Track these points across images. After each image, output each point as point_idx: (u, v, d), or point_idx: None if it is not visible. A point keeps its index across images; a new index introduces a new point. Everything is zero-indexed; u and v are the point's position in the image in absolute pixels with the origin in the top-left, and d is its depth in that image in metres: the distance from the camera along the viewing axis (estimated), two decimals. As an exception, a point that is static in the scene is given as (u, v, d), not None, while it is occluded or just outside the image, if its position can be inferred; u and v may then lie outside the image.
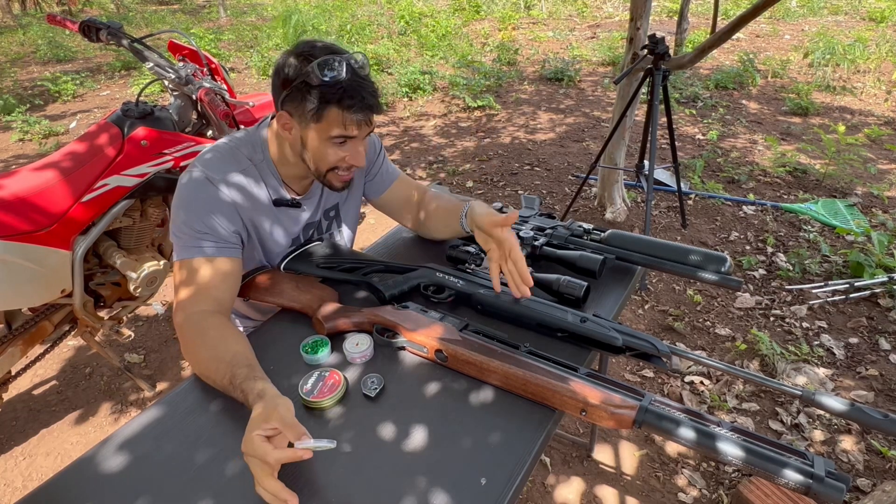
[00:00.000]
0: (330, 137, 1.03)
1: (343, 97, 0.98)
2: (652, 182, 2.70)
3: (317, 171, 1.09)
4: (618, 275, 1.23)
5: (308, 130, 1.03)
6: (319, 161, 1.07)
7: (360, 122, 1.02)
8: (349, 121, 1.00)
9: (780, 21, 8.90)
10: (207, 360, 0.93)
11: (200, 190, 1.05)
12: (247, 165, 1.11)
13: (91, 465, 0.81)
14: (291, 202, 1.16)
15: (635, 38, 2.95)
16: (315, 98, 0.99)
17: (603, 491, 1.76)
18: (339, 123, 1.01)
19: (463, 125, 5.07)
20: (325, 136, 1.03)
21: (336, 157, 1.06)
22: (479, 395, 0.91)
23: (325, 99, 0.98)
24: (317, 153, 1.06)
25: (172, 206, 1.08)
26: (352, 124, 1.01)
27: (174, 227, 1.06)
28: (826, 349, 2.28)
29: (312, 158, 1.07)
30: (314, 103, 0.99)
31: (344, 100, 0.98)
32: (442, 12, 9.89)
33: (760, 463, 0.72)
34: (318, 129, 1.02)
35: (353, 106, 0.99)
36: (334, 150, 1.05)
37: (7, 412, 2.04)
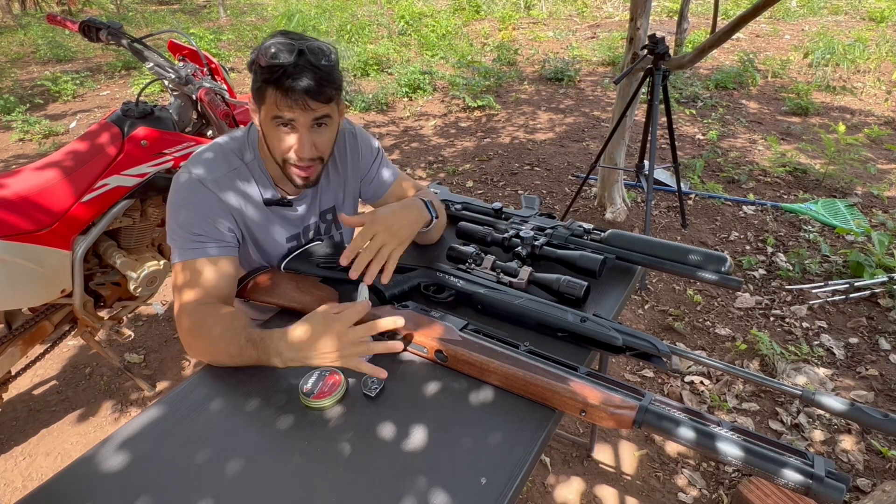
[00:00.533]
0: (271, 119, 1.01)
1: (281, 77, 0.95)
2: (652, 182, 2.70)
3: (276, 161, 1.07)
4: (618, 275, 1.23)
5: (261, 116, 1.03)
6: (272, 149, 1.06)
7: (295, 105, 0.97)
8: (282, 102, 0.97)
9: (780, 21, 8.90)
10: (221, 332, 0.96)
11: (193, 192, 1.05)
12: (238, 165, 1.11)
13: (91, 465, 0.81)
14: (282, 201, 1.16)
15: (635, 37, 2.95)
16: (259, 79, 0.99)
17: (603, 491, 1.76)
18: (274, 104, 0.98)
19: (463, 125, 5.07)
20: (267, 118, 1.02)
21: (283, 145, 1.03)
22: (479, 395, 0.91)
23: (265, 79, 0.97)
24: (268, 140, 1.05)
25: (167, 208, 1.08)
26: (285, 106, 0.97)
27: (169, 229, 1.06)
28: (826, 349, 2.28)
29: (270, 146, 1.06)
30: (258, 83, 0.99)
31: (281, 80, 0.95)
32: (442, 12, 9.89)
33: (760, 463, 0.72)
34: (264, 111, 1.02)
35: (287, 88, 0.95)
36: (279, 136, 1.02)
37: (7, 412, 2.04)
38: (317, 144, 1.05)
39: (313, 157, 1.06)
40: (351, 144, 1.27)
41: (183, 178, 1.06)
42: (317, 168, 1.09)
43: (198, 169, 1.07)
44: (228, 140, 1.14)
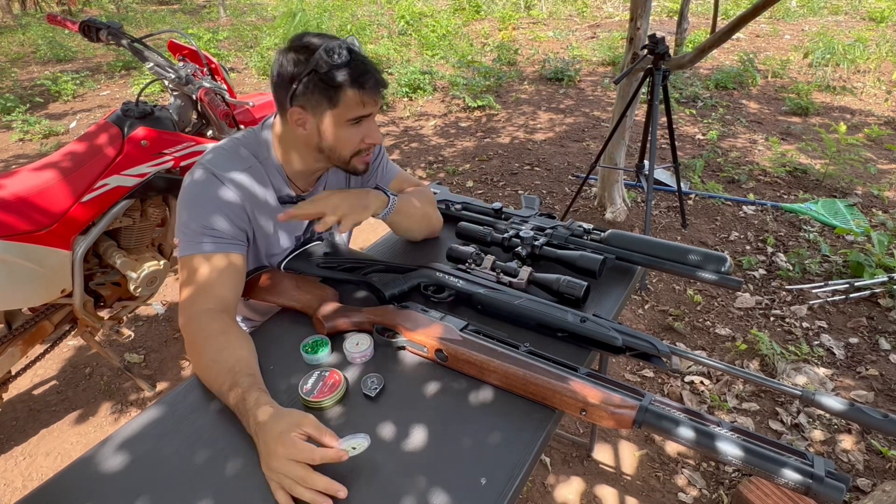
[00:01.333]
0: (348, 120, 1.05)
1: (355, 77, 1.00)
2: (652, 182, 2.70)
3: (340, 158, 1.10)
4: (618, 275, 1.23)
5: (324, 119, 1.04)
6: (342, 147, 1.08)
7: (374, 99, 1.04)
8: (365, 98, 1.03)
9: (780, 21, 8.90)
10: (210, 363, 0.92)
11: (207, 187, 1.06)
12: (252, 163, 1.11)
13: (91, 465, 0.81)
14: (295, 199, 1.17)
15: (635, 37, 2.95)
16: (327, 84, 1.00)
17: (603, 491, 1.76)
18: (356, 103, 1.03)
19: (463, 125, 5.07)
20: (342, 119, 1.04)
21: (357, 139, 1.08)
22: (479, 395, 0.91)
23: (338, 82, 1.00)
24: (338, 139, 1.07)
25: (178, 204, 1.08)
26: (368, 101, 1.03)
27: (180, 224, 1.06)
28: (826, 349, 2.28)
29: (334, 147, 1.08)
30: (327, 90, 1.01)
31: (356, 79, 1.00)
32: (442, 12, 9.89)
33: (760, 463, 0.73)
34: (334, 115, 1.04)
35: (365, 83, 1.01)
36: (354, 132, 1.07)
37: (7, 412, 2.04)
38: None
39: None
40: None
41: (198, 173, 1.07)
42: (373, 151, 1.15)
43: (212, 165, 1.07)
44: (239, 140, 1.14)
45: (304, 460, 0.74)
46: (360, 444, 0.77)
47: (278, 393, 0.92)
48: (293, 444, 0.75)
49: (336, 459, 0.75)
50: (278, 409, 0.82)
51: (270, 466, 0.76)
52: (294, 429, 0.77)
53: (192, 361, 0.98)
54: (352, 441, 0.77)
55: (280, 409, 0.82)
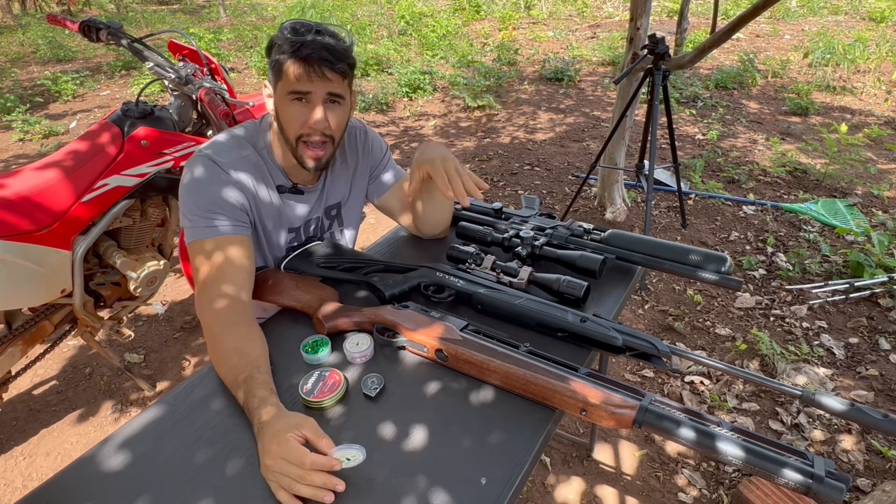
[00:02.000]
0: (288, 93, 1.03)
1: (299, 49, 0.99)
2: (652, 182, 2.70)
3: (287, 140, 1.08)
4: (618, 275, 1.23)
5: (277, 94, 1.06)
6: (286, 125, 1.07)
7: (311, 75, 1.00)
8: (300, 72, 1.00)
9: (780, 21, 8.90)
10: (232, 351, 0.93)
11: (209, 172, 1.07)
12: (250, 153, 1.12)
13: (91, 465, 0.81)
14: (294, 188, 1.17)
15: (635, 37, 2.95)
16: (277, 55, 1.02)
17: (603, 491, 1.76)
18: (294, 75, 1.01)
19: (463, 125, 5.07)
20: (283, 94, 1.04)
21: (298, 119, 1.05)
22: (479, 395, 0.91)
23: (284, 51, 1.01)
24: (284, 117, 1.06)
25: (181, 192, 1.08)
26: (302, 76, 1.00)
27: (185, 211, 1.07)
28: (826, 349, 2.28)
29: (283, 126, 1.07)
30: (276, 61, 1.02)
31: (300, 51, 0.99)
32: (442, 12, 9.89)
33: (760, 463, 0.72)
34: (281, 88, 1.04)
35: (303, 56, 0.99)
36: (296, 111, 1.04)
37: (7, 412, 2.04)
38: (330, 121, 1.06)
39: (326, 131, 1.07)
40: (362, 140, 1.29)
41: (198, 161, 1.08)
42: (328, 149, 1.10)
43: (213, 151, 1.09)
44: (240, 130, 1.15)
45: (295, 462, 0.74)
46: (355, 456, 0.77)
47: (279, 393, 0.92)
48: (288, 443, 0.75)
49: (328, 467, 0.74)
50: (282, 410, 0.83)
51: (266, 465, 0.76)
52: (292, 430, 0.77)
53: (208, 346, 0.98)
54: (346, 451, 0.77)
55: (283, 411, 0.83)
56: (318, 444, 0.77)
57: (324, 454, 0.76)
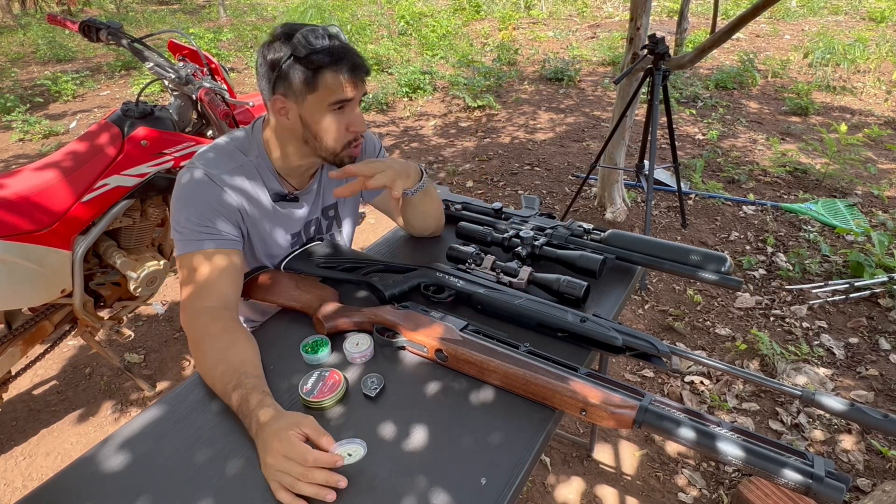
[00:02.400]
0: (328, 105, 1.03)
1: (332, 59, 0.99)
2: (652, 182, 2.70)
3: (326, 149, 1.08)
4: (618, 275, 1.23)
5: (305, 106, 1.03)
6: (326, 136, 1.06)
7: (353, 82, 1.02)
8: (343, 81, 1.01)
9: (780, 21, 8.90)
10: (216, 362, 0.92)
11: (201, 186, 1.06)
12: (244, 162, 1.11)
13: (91, 465, 0.81)
14: (289, 197, 1.17)
15: (635, 37, 2.95)
16: (305, 68, 0.99)
17: (603, 491, 1.76)
18: (334, 86, 1.01)
19: (463, 125, 5.07)
20: (323, 104, 1.03)
21: (341, 127, 1.06)
22: (479, 395, 0.91)
23: (316, 65, 0.99)
24: (321, 127, 1.05)
25: (172, 203, 1.08)
26: (347, 84, 1.01)
27: (175, 223, 1.06)
28: (826, 349, 2.28)
29: (318, 135, 1.06)
30: (306, 73, 1.00)
31: (334, 61, 0.99)
32: (442, 12, 9.89)
33: (760, 463, 0.72)
34: (314, 101, 1.02)
35: (343, 66, 1.00)
36: (336, 119, 1.05)
37: (7, 412, 2.04)
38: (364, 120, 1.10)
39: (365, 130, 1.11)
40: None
41: (188, 173, 1.07)
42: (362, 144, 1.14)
43: (204, 164, 1.07)
44: (230, 140, 1.14)
45: (297, 459, 0.74)
46: (357, 451, 0.77)
47: (278, 393, 0.92)
48: (289, 441, 0.75)
49: (330, 464, 0.75)
50: (280, 410, 0.83)
51: (267, 464, 0.76)
52: (292, 427, 0.77)
53: (195, 360, 0.98)
54: (348, 447, 0.77)
55: (281, 411, 0.82)
56: (318, 441, 0.77)
57: (325, 451, 0.76)
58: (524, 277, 1.12)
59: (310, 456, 0.74)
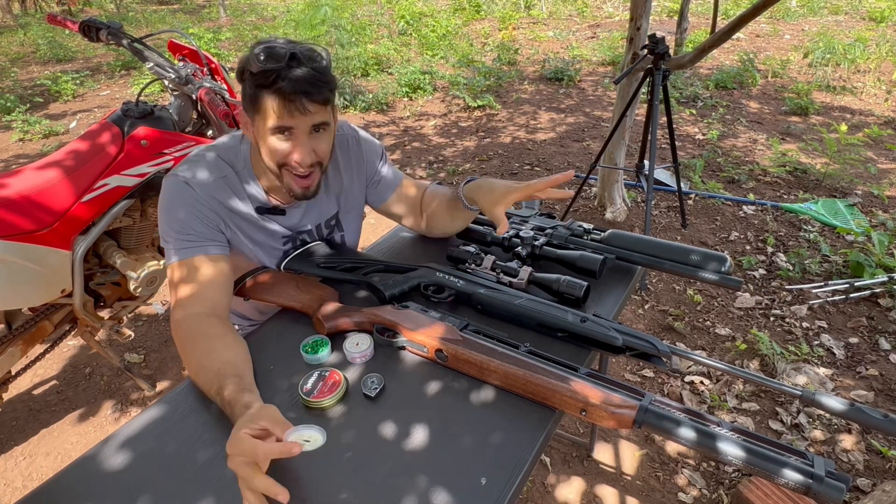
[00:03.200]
0: (269, 128, 0.97)
1: (275, 81, 0.92)
2: (652, 182, 2.70)
3: (272, 170, 1.04)
4: (618, 275, 1.23)
5: (255, 126, 1.00)
6: (269, 158, 1.01)
7: (293, 112, 0.94)
8: (280, 107, 0.94)
9: (780, 21, 8.90)
10: (198, 368, 0.92)
11: (181, 193, 1.05)
12: (228, 172, 1.09)
13: (91, 465, 0.81)
14: (274, 209, 1.15)
15: (635, 37, 2.95)
16: (252, 85, 0.95)
17: (603, 491, 1.77)
18: (273, 111, 0.95)
19: (463, 125, 5.07)
20: (265, 126, 0.97)
21: (282, 152, 0.99)
22: (479, 395, 0.91)
23: (258, 84, 0.94)
24: (265, 149, 1.01)
25: (158, 209, 1.07)
26: (283, 111, 0.94)
27: (161, 231, 1.06)
28: (826, 349, 2.28)
29: (266, 156, 1.03)
30: (252, 91, 0.95)
31: (276, 83, 0.92)
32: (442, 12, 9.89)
33: (760, 463, 0.72)
34: (260, 121, 0.98)
35: (283, 90, 0.92)
36: (278, 143, 0.99)
37: (7, 412, 2.04)
38: (316, 150, 1.02)
39: (313, 162, 1.03)
40: (355, 150, 1.25)
41: (171, 181, 1.06)
42: (316, 176, 1.06)
43: (186, 172, 1.06)
44: (220, 146, 1.12)
45: (248, 457, 0.70)
46: (314, 437, 0.72)
47: (278, 393, 0.92)
48: (239, 441, 0.71)
49: (285, 454, 0.70)
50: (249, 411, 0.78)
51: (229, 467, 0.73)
52: (246, 425, 0.73)
53: (184, 364, 0.97)
54: (304, 432, 0.72)
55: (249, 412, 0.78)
56: (274, 430, 0.73)
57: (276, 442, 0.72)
58: (524, 277, 1.12)
59: (259, 450, 0.69)
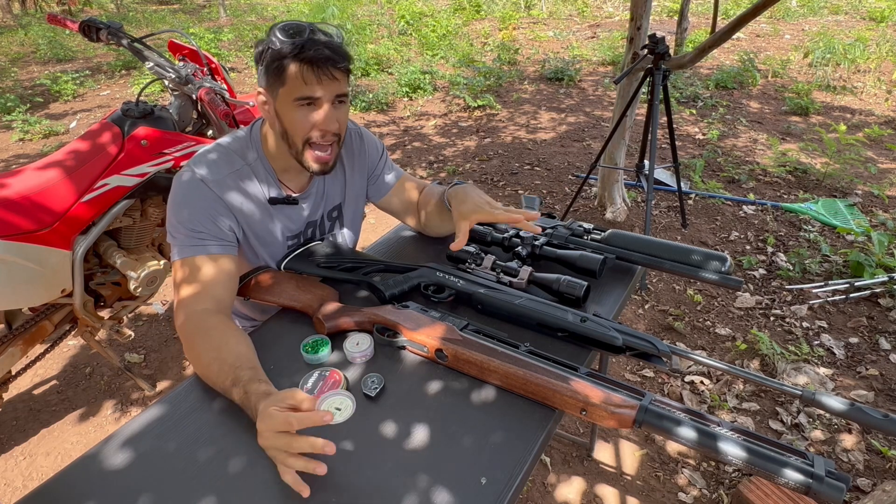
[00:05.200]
0: (295, 100, 1.00)
1: (300, 51, 0.96)
2: (652, 182, 2.70)
3: (294, 146, 1.06)
4: (618, 275, 1.23)
5: (278, 101, 1.03)
6: (293, 131, 1.04)
7: (321, 77, 0.98)
8: (308, 75, 0.98)
9: (781, 21, 8.90)
10: (210, 361, 0.92)
11: (194, 190, 1.06)
12: (240, 166, 1.11)
13: (91, 465, 0.81)
14: (288, 199, 1.16)
15: (635, 37, 2.95)
16: (275, 60, 0.98)
17: (603, 490, 1.77)
18: (300, 79, 0.98)
19: (463, 125, 5.07)
20: (290, 99, 1.00)
21: (306, 123, 1.02)
22: (479, 395, 0.91)
23: (284, 55, 0.97)
24: (289, 122, 1.03)
25: (168, 206, 1.08)
26: (311, 79, 0.98)
27: (170, 227, 1.06)
28: (826, 349, 2.28)
29: (287, 131, 1.05)
30: (276, 65, 0.98)
31: (301, 52, 0.96)
32: (442, 12, 9.89)
33: (761, 463, 0.72)
34: (284, 95, 1.01)
35: (309, 58, 0.96)
36: (303, 115, 1.02)
37: (7, 412, 2.04)
38: (339, 120, 1.05)
39: (336, 131, 1.05)
40: (357, 144, 1.28)
41: (185, 177, 1.07)
42: (335, 149, 1.09)
43: (200, 168, 1.07)
44: (231, 141, 1.14)
45: (283, 429, 0.73)
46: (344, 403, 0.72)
47: (278, 392, 0.92)
48: (270, 416, 0.75)
49: (318, 422, 0.73)
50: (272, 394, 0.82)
51: (262, 446, 0.77)
52: (274, 404, 0.77)
53: (191, 362, 0.98)
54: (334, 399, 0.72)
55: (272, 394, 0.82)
56: (302, 406, 0.75)
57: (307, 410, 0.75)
58: (524, 277, 1.12)
59: (293, 419, 0.73)
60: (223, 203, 1.07)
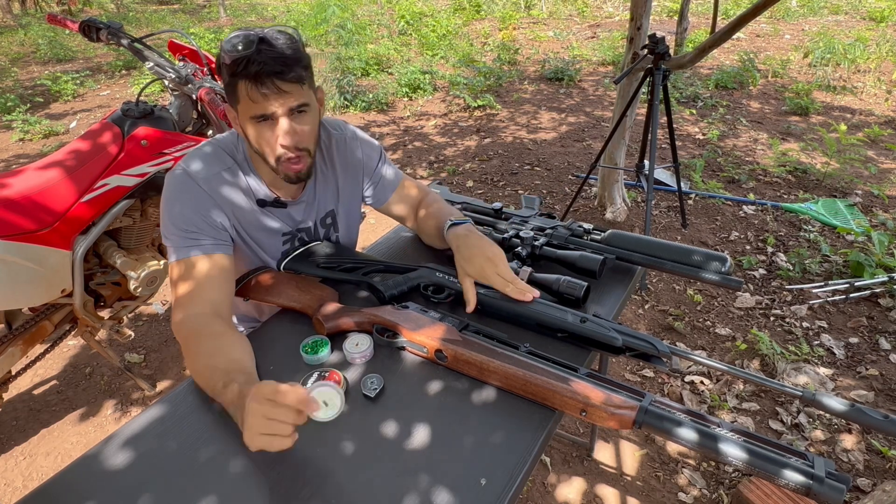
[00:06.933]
0: (251, 118, 0.97)
1: (245, 67, 0.91)
2: (652, 182, 2.70)
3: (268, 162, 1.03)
4: (618, 275, 1.23)
5: (240, 118, 1.00)
6: (260, 149, 1.01)
7: (268, 93, 0.93)
8: (255, 93, 0.93)
9: (781, 21, 8.89)
10: (203, 367, 0.92)
11: (185, 189, 1.05)
12: (230, 164, 1.10)
13: (92, 465, 0.81)
14: (275, 202, 1.14)
15: (635, 37, 2.95)
16: (227, 76, 0.94)
17: (603, 490, 1.77)
18: (248, 96, 0.94)
19: (463, 125, 5.07)
20: (247, 117, 0.97)
21: (270, 139, 0.98)
22: (479, 396, 0.91)
23: (232, 73, 0.93)
24: (254, 140, 1.01)
25: (160, 206, 1.07)
26: (258, 97, 0.93)
27: (163, 227, 1.06)
28: (826, 349, 2.28)
29: (259, 150, 1.02)
30: (228, 81, 0.95)
31: (245, 69, 0.91)
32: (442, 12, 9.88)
33: (761, 463, 0.72)
34: (242, 112, 0.98)
35: (253, 74, 0.91)
36: (262, 132, 0.98)
37: (7, 412, 2.04)
38: (298, 133, 1.00)
39: (299, 145, 1.01)
40: (352, 149, 1.24)
41: (175, 175, 1.06)
42: (306, 161, 1.05)
43: (190, 166, 1.06)
44: (223, 138, 1.13)
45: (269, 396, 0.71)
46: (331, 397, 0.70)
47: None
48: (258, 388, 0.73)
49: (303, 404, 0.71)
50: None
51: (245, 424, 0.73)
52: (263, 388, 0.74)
53: (187, 364, 0.97)
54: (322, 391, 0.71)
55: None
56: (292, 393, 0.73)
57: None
58: (524, 278, 1.12)
59: (281, 387, 0.71)
60: (214, 200, 1.06)
